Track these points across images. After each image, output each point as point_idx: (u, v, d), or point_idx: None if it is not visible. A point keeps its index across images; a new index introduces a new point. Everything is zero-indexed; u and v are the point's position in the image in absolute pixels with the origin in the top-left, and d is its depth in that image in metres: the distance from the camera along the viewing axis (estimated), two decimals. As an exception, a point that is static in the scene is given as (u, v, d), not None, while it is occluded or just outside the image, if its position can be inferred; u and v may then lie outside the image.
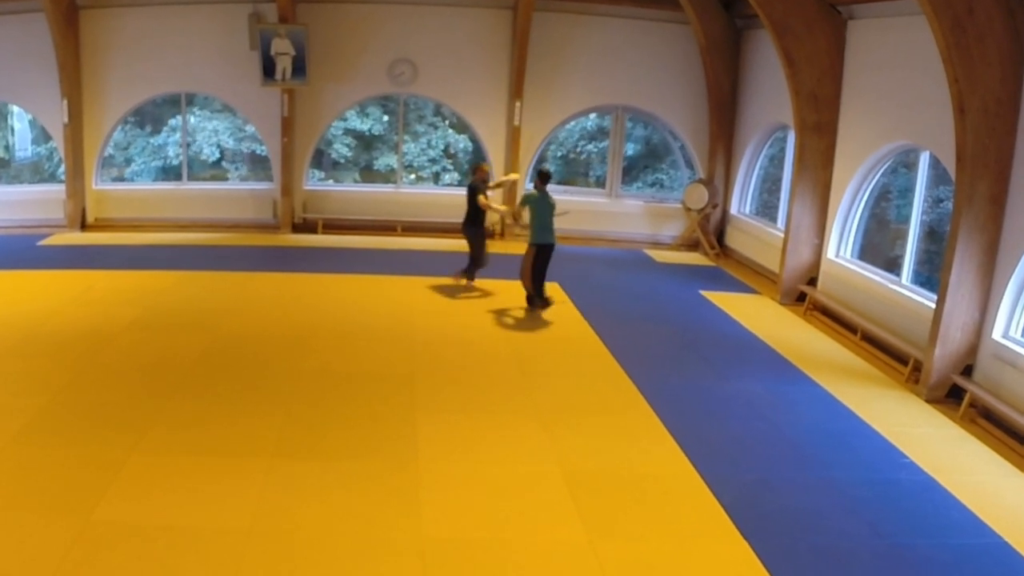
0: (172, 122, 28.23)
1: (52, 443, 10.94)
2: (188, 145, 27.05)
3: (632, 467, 11.04)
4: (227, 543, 8.83)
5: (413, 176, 29.53)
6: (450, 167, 30.32)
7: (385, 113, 29.32)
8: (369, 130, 29.47)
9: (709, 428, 12.41)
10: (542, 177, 17.83)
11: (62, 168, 24.75)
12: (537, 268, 17.65)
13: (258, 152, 28.25)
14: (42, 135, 27.22)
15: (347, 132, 29.48)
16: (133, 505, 9.50)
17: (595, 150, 29.35)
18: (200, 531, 9.03)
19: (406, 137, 28.87)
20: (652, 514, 9.87)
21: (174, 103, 26.97)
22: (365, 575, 8.43)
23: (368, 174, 29.72)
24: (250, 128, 27.48)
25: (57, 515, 9.19)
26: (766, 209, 24.26)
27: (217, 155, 28.92)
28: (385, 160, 29.15)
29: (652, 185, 29.14)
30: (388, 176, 28.25)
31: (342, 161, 29.86)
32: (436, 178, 29.93)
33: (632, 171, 28.97)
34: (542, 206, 17.63)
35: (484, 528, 9.42)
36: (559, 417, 12.51)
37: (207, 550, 8.68)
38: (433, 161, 29.92)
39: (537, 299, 17.74)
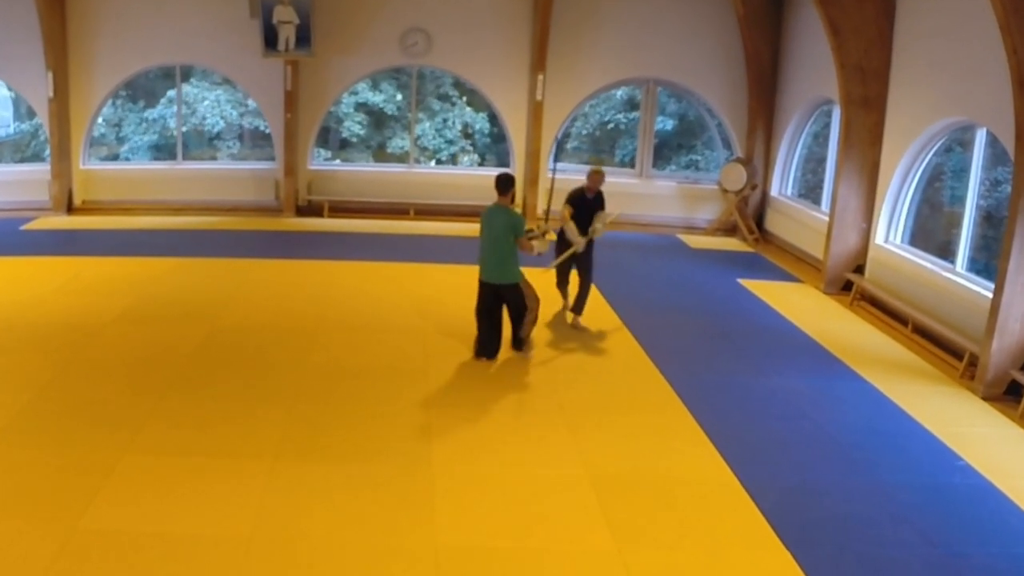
0: (171, 93, 28.26)
1: (36, 443, 10.94)
2: (187, 117, 27.09)
3: (664, 470, 11.02)
4: (226, 552, 8.79)
5: (432, 162, 29.52)
6: (469, 148, 30.28)
7: (399, 89, 29.31)
8: (382, 107, 29.46)
9: (747, 428, 12.38)
10: (503, 186, 14.15)
11: (48, 147, 24.82)
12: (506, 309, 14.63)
13: (261, 128, 28.28)
14: (26, 111, 27.27)
15: (359, 107, 29.48)
16: (124, 511, 9.48)
17: (624, 121, 29.27)
18: (197, 539, 8.99)
19: (421, 115, 28.87)
20: (686, 521, 9.83)
21: (168, 76, 27.03)
22: (375, 586, 8.41)
23: (382, 154, 29.71)
24: (251, 103, 27.54)
25: (41, 522, 9.15)
26: (809, 191, 24.20)
27: (221, 125, 28.95)
28: (399, 142, 29.15)
29: (686, 166, 29.11)
30: (402, 158, 28.23)
31: (354, 140, 29.85)
32: (454, 160, 29.90)
33: (664, 150, 28.92)
34: (494, 227, 14.16)
35: (504, 536, 9.39)
36: (585, 416, 12.51)
37: (204, 560, 8.64)
38: (450, 142, 29.89)
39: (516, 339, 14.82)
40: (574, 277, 16.38)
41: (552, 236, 15.37)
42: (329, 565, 8.70)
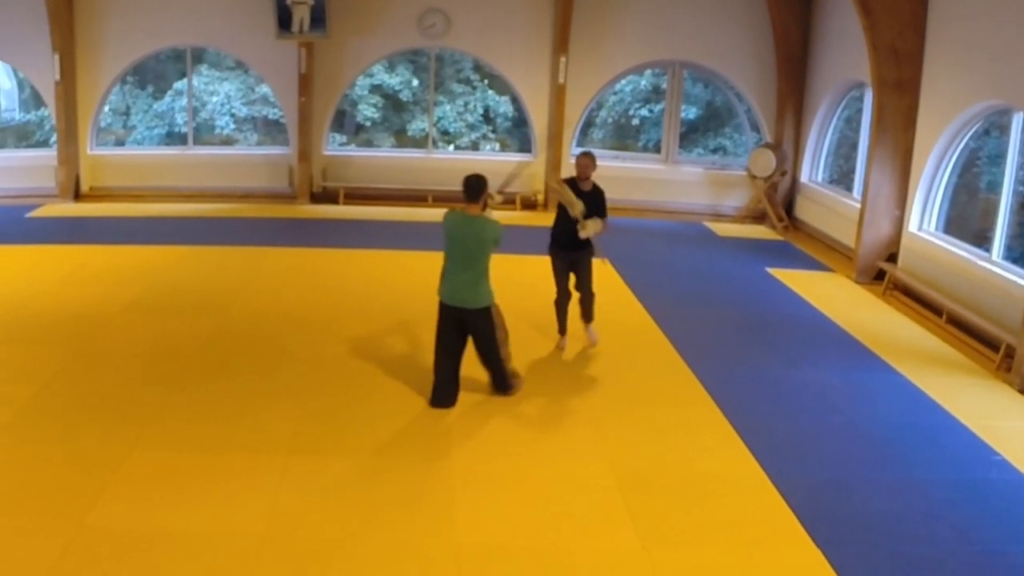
0: (178, 85, 28.31)
1: (41, 438, 10.96)
2: (195, 111, 27.15)
3: (691, 466, 11.00)
4: (238, 550, 8.78)
5: (452, 146, 29.53)
6: (490, 134, 30.28)
7: (415, 73, 29.30)
8: (397, 90, 29.45)
9: (777, 422, 12.37)
10: (472, 191, 12.13)
11: (55, 134, 24.87)
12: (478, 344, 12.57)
13: (271, 117, 28.34)
14: (33, 100, 27.32)
15: (374, 90, 29.49)
16: (132, 507, 9.48)
17: (649, 115, 29.26)
18: (208, 536, 8.99)
19: (441, 99, 28.88)
20: (713, 518, 9.81)
21: (179, 59, 27.10)
22: (392, 586, 8.42)
23: (400, 139, 29.72)
24: (262, 90, 27.58)
25: (47, 519, 9.16)
26: (841, 177, 24.15)
27: (232, 126, 28.99)
28: (418, 124, 29.15)
29: (714, 151, 29.07)
30: (421, 142, 28.25)
31: (368, 124, 29.85)
32: (475, 146, 29.90)
33: (692, 136, 28.90)
34: (466, 241, 12.20)
35: (525, 534, 9.38)
36: (609, 410, 12.50)
37: (216, 558, 8.63)
38: (472, 127, 29.89)
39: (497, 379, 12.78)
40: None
41: (498, 200, 13.35)
42: (345, 564, 8.69)
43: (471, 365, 12.45)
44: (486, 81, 29.81)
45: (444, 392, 12.40)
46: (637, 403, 12.79)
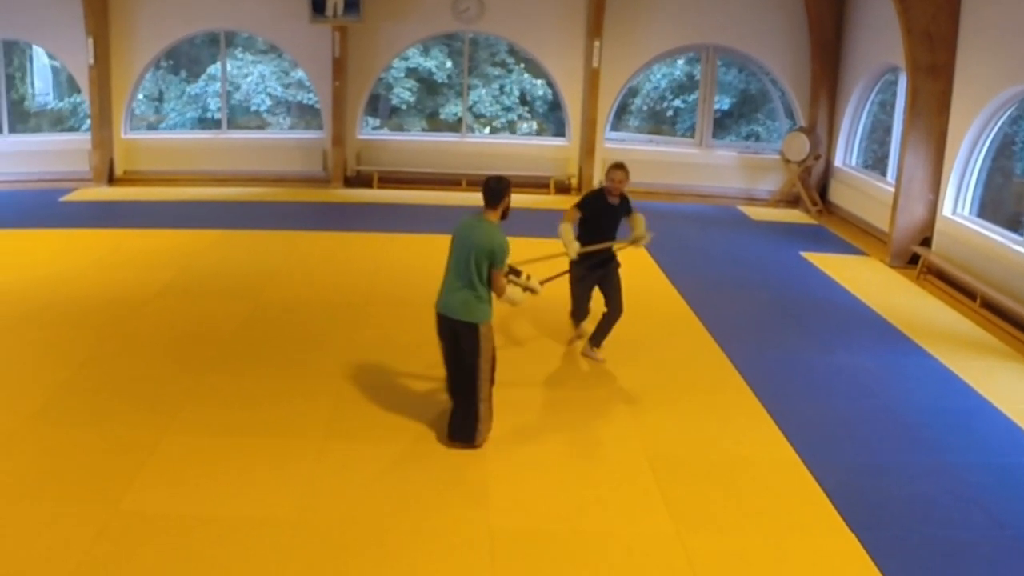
0: (211, 69, 28.38)
1: (75, 423, 11.01)
2: (230, 94, 27.20)
3: (725, 451, 10.99)
4: (271, 536, 8.79)
5: (487, 128, 29.54)
6: (527, 116, 30.27)
7: (449, 56, 29.30)
8: (432, 73, 29.45)
9: (811, 407, 12.33)
10: (491, 194, 10.89)
11: (89, 122, 24.97)
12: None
13: (305, 102, 28.39)
14: (68, 86, 27.43)
15: (409, 73, 29.49)
16: (165, 493, 9.51)
17: (683, 105, 29.20)
18: (241, 522, 9.00)
19: (476, 82, 28.88)
20: (747, 502, 9.81)
21: (212, 44, 27.16)
22: (427, 571, 8.40)
23: (434, 123, 29.73)
24: (296, 74, 27.63)
25: (81, 504, 9.18)
26: (875, 162, 24.07)
27: (267, 104, 29.04)
28: (452, 108, 29.15)
29: (746, 139, 29.02)
30: (455, 126, 28.26)
31: (403, 107, 29.87)
32: (511, 128, 29.89)
33: (725, 122, 28.84)
34: (467, 245, 10.81)
35: (560, 519, 9.38)
36: (644, 395, 12.49)
37: (249, 543, 8.63)
38: (507, 109, 29.87)
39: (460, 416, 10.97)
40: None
41: (539, 289, 11.61)
42: (380, 549, 8.70)
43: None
44: (522, 64, 29.78)
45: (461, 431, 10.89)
46: (671, 388, 12.77)
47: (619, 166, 13.09)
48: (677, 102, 29.39)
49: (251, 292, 16.15)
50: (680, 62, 29.01)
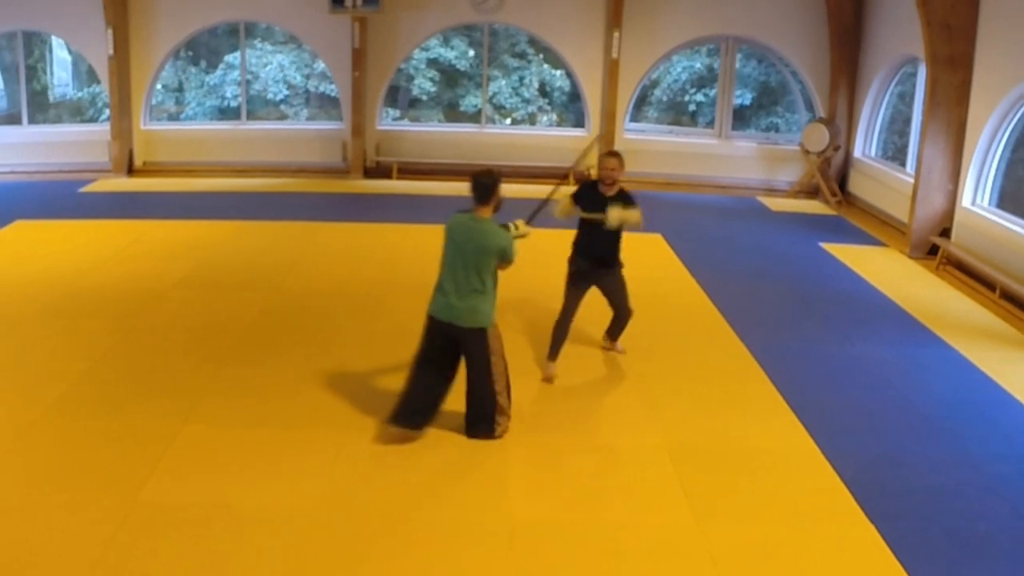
0: (229, 58, 28.41)
1: (94, 413, 11.02)
2: (249, 83, 27.24)
3: (744, 441, 10.97)
4: (291, 527, 8.78)
5: (508, 120, 29.52)
6: (547, 108, 30.24)
7: (472, 45, 29.29)
8: (453, 63, 29.44)
9: (830, 397, 12.30)
10: (482, 190, 10.63)
11: (108, 112, 25.01)
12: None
13: (326, 92, 28.40)
14: (87, 76, 27.48)
15: (430, 64, 29.49)
16: (185, 483, 9.52)
17: (704, 99, 29.15)
18: (261, 513, 9.00)
19: (496, 72, 28.85)
20: (766, 493, 9.79)
21: (232, 34, 27.19)
22: (446, 562, 8.39)
23: (453, 114, 29.72)
24: (318, 67, 27.66)
25: (100, 494, 9.19)
26: (895, 153, 24.01)
27: (285, 93, 29.05)
28: (472, 99, 29.13)
29: (766, 129, 28.98)
30: (475, 117, 28.24)
31: (424, 98, 29.86)
32: (531, 119, 29.87)
33: (745, 115, 28.80)
34: (467, 248, 10.45)
35: (579, 509, 9.38)
36: (662, 385, 12.46)
37: (268, 534, 8.63)
38: (527, 101, 29.85)
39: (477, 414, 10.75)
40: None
41: (529, 231, 11.23)
42: (399, 540, 8.68)
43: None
44: (541, 55, 29.73)
45: (411, 407, 10.52)
46: (690, 378, 12.75)
47: (613, 154, 12.45)
48: (699, 96, 29.32)
49: (270, 283, 16.16)
50: (701, 55, 28.98)
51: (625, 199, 12.37)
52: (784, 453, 10.70)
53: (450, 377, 10.66)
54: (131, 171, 25.16)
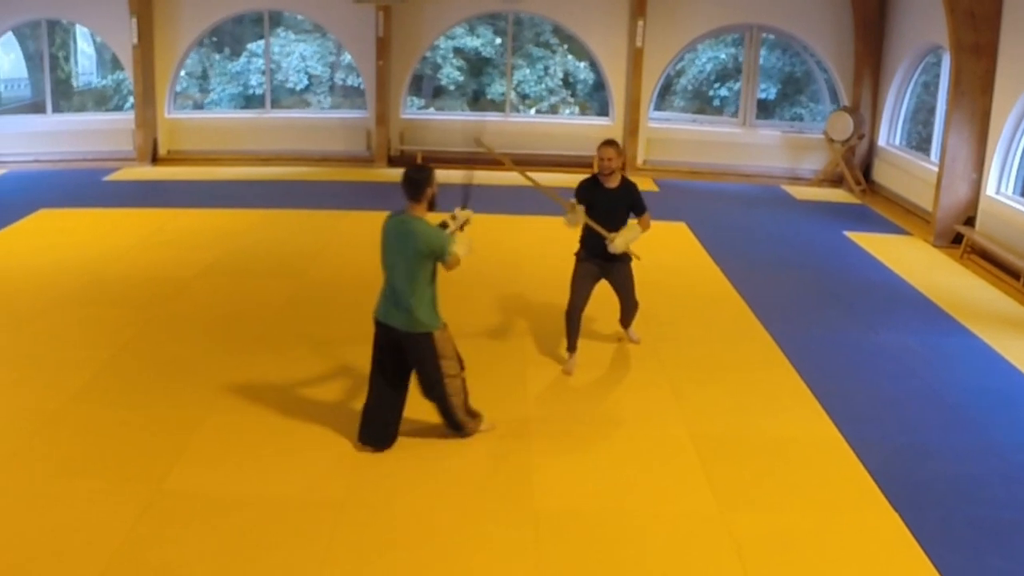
0: (252, 46, 28.43)
1: (117, 402, 11.04)
2: (272, 73, 27.27)
3: (769, 430, 10.93)
4: (316, 516, 8.77)
5: (533, 110, 29.51)
6: (570, 99, 30.21)
7: (497, 33, 29.26)
8: (479, 50, 29.40)
9: (855, 386, 12.24)
10: (412, 187, 10.25)
11: (132, 100, 25.08)
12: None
13: (350, 84, 28.42)
14: (111, 64, 27.55)
15: (456, 53, 29.47)
16: (209, 472, 9.53)
17: (728, 93, 29.08)
18: (286, 503, 8.99)
19: (520, 62, 28.83)
20: (791, 482, 9.75)
21: (256, 22, 27.20)
22: (470, 551, 8.39)
23: (478, 103, 29.70)
24: (344, 59, 27.67)
25: (124, 483, 9.19)
26: (920, 143, 23.93)
27: (305, 82, 29.06)
28: (497, 88, 29.12)
29: (791, 119, 28.92)
30: (499, 106, 28.22)
31: (452, 87, 29.84)
32: (554, 110, 29.84)
33: (768, 107, 28.73)
34: (403, 248, 10.01)
35: (603, 498, 9.36)
36: (687, 374, 12.42)
37: (293, 524, 8.62)
38: (551, 91, 29.82)
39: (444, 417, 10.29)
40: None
41: (468, 216, 10.95)
42: (424, 530, 8.67)
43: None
44: (565, 45, 29.69)
45: (371, 425, 10.14)
46: (715, 367, 12.71)
47: (609, 143, 12.00)
48: (723, 91, 29.24)
49: (295, 271, 16.20)
50: (725, 45, 28.92)
51: (628, 191, 12.19)
52: (808, 442, 10.65)
53: (399, 387, 10.12)
54: (155, 159, 25.24)
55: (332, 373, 12.02)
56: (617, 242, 11.85)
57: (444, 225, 10.36)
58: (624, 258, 12.37)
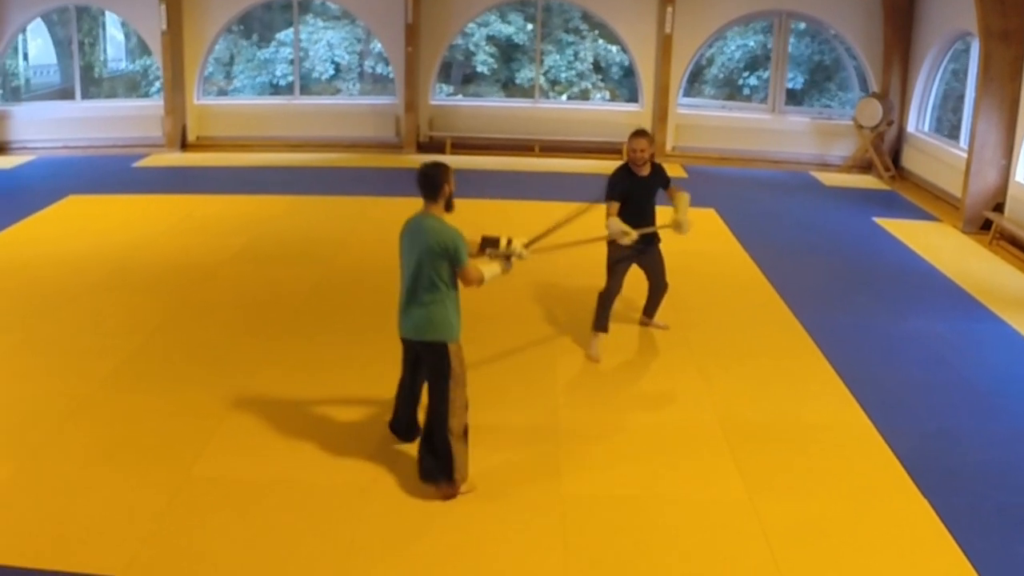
0: (280, 36, 28.44)
1: (146, 388, 11.06)
2: (300, 61, 27.30)
3: (798, 416, 10.89)
4: (343, 502, 8.78)
5: (564, 96, 29.48)
6: (600, 84, 30.17)
7: (528, 19, 29.23)
8: (511, 37, 29.36)
9: (884, 373, 12.18)
10: (427, 184, 9.52)
11: (159, 84, 25.13)
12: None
13: (378, 71, 28.44)
14: (139, 49, 27.61)
15: (489, 39, 29.44)
16: (237, 459, 9.55)
17: (757, 83, 28.99)
18: (312, 488, 9.00)
19: (551, 47, 28.79)
20: (820, 469, 9.71)
21: (285, 9, 27.23)
22: (498, 537, 8.38)
23: (509, 89, 29.68)
24: (375, 48, 27.69)
25: (153, 469, 9.22)
26: (949, 131, 23.84)
27: (332, 72, 29.06)
28: (527, 73, 29.08)
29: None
30: (529, 92, 28.19)
31: (487, 73, 29.82)
32: (585, 95, 29.80)
33: (797, 95, 28.64)
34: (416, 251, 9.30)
35: (631, 484, 9.33)
36: (716, 360, 12.38)
37: (320, 510, 8.63)
38: (581, 76, 29.78)
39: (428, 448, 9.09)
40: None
41: (526, 254, 10.50)
42: (451, 515, 8.67)
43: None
44: (596, 31, 29.63)
45: (402, 419, 9.82)
46: (744, 353, 12.68)
47: (640, 133, 12.01)
48: (752, 80, 29.14)
49: (323, 258, 16.21)
50: (755, 32, 28.83)
51: (658, 174, 12.23)
52: (838, 429, 10.60)
53: (412, 396, 9.73)
54: (184, 146, 25.32)
55: (360, 360, 12.02)
56: (683, 222, 11.95)
57: (494, 242, 10.07)
58: (656, 241, 12.47)
